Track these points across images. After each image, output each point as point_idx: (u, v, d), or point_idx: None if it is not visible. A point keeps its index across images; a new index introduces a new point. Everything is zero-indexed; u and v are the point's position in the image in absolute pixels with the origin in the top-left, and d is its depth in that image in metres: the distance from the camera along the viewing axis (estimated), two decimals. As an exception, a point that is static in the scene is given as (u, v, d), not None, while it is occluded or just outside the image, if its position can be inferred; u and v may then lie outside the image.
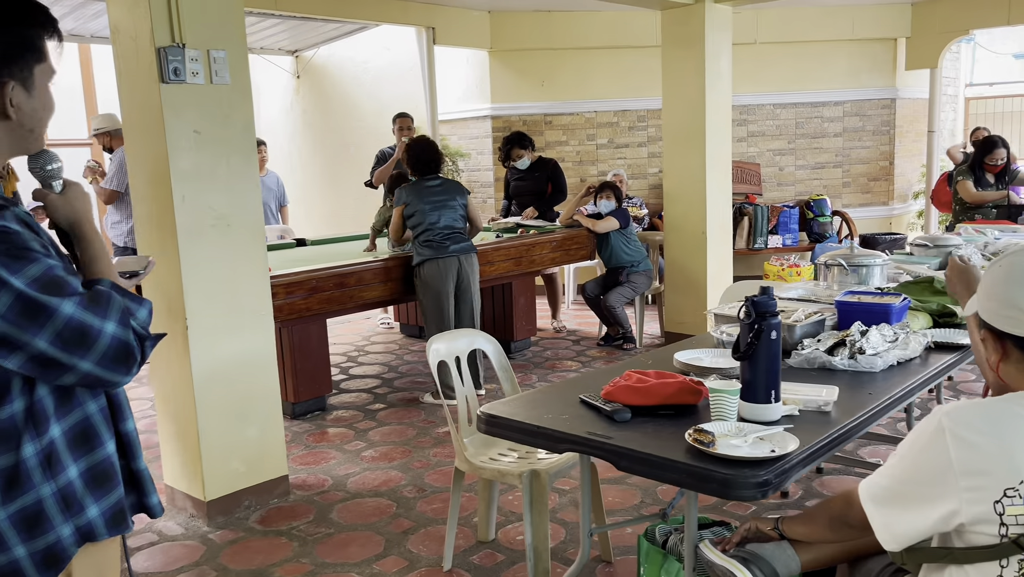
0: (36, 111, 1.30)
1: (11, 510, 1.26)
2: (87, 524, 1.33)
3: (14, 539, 1.27)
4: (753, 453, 1.74)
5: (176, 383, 3.34)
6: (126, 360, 1.27)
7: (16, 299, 1.18)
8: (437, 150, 4.87)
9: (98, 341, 1.24)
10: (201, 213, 3.23)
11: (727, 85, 5.82)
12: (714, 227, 5.89)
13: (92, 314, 1.23)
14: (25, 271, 1.19)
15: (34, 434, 1.27)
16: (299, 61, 9.03)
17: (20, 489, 1.26)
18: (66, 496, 1.31)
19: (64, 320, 1.20)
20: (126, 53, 3.21)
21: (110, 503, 1.37)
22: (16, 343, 1.19)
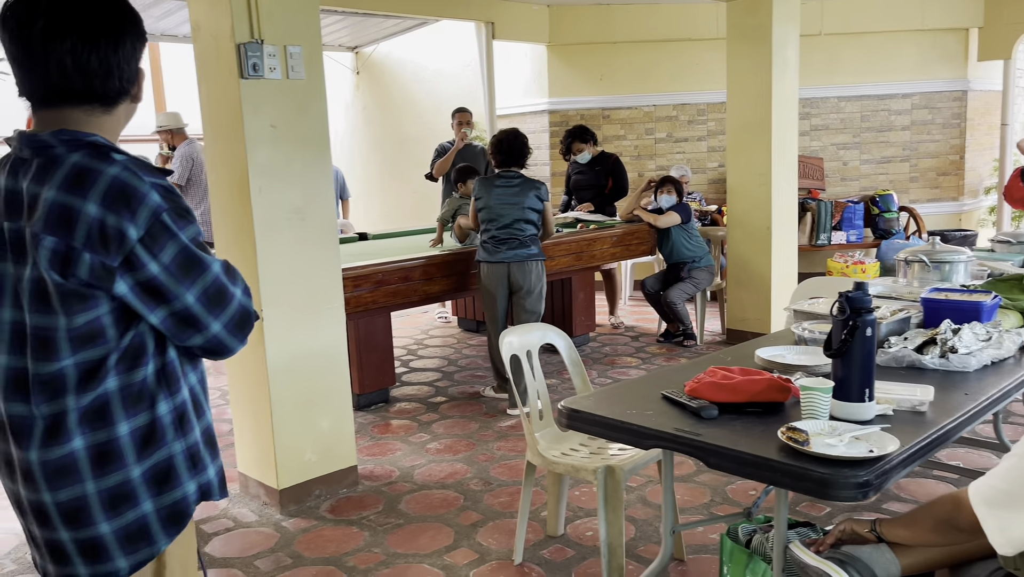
0: (139, 95, 1.43)
1: (145, 466, 1.34)
2: (207, 482, 1.42)
3: (144, 495, 1.34)
4: (850, 453, 1.70)
5: (251, 373, 3.41)
6: (244, 328, 1.39)
7: (180, 251, 1.28)
8: (520, 143, 4.61)
9: (230, 304, 1.35)
10: (276, 206, 3.28)
11: (794, 77, 5.70)
12: (779, 223, 5.78)
13: (229, 279, 1.36)
14: (187, 229, 1.31)
15: (167, 394, 1.35)
16: (359, 57, 9.13)
17: (155, 446, 1.34)
18: (193, 454, 1.39)
19: (212, 278, 1.32)
20: (206, 50, 3.28)
21: (219, 465, 1.47)
22: (167, 296, 1.28)
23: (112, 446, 1.30)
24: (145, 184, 1.26)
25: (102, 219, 1.23)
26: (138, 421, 1.32)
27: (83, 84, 1.29)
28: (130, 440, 1.31)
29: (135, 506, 1.33)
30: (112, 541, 1.33)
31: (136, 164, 1.29)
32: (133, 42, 1.34)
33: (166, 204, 1.28)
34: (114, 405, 1.30)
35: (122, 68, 1.32)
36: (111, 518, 1.32)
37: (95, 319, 1.27)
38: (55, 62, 1.26)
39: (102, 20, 1.29)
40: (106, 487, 1.31)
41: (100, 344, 1.28)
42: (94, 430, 1.29)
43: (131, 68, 1.35)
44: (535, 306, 4.59)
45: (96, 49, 1.28)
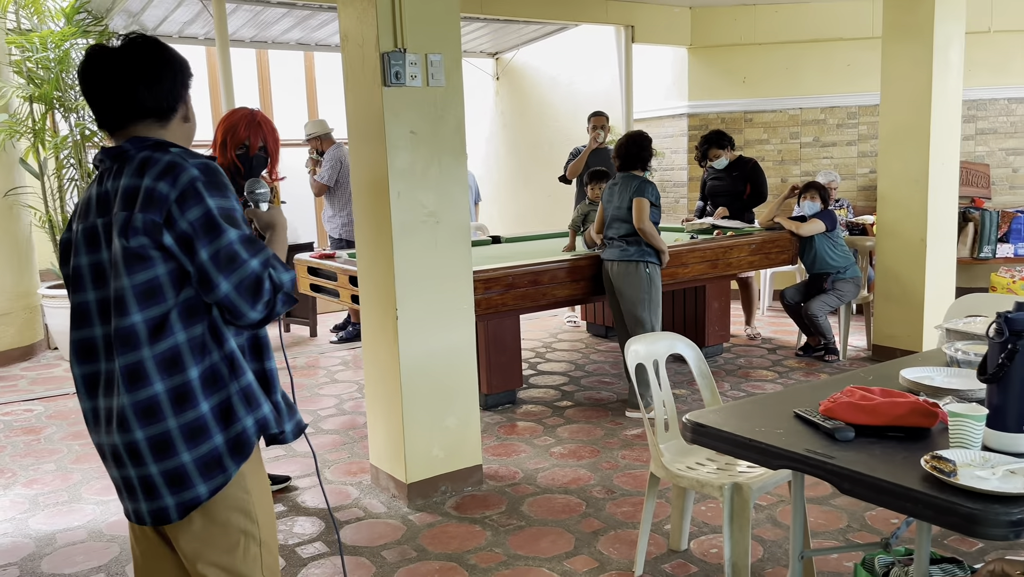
0: (193, 117, 1.77)
1: (212, 403, 1.60)
2: (263, 417, 1.65)
3: (215, 428, 1.60)
4: (1003, 488, 1.56)
5: (385, 369, 3.54)
6: (255, 293, 1.55)
7: (204, 214, 1.54)
8: (638, 146, 4.57)
9: (241, 268, 1.54)
10: (413, 209, 3.39)
11: (957, 78, 5.30)
12: (936, 234, 5.39)
13: (245, 249, 1.56)
14: (217, 199, 1.56)
15: (218, 345, 1.61)
16: (499, 63, 9.29)
17: (217, 386, 1.61)
18: (247, 394, 1.64)
19: (226, 243, 1.54)
20: (353, 59, 3.43)
21: (275, 401, 1.70)
22: (192, 249, 1.54)
23: (186, 388, 1.57)
24: (188, 163, 1.56)
25: (152, 187, 1.54)
26: (203, 366, 1.59)
27: (141, 108, 1.66)
28: (199, 383, 1.57)
29: (209, 438, 1.59)
30: (193, 469, 1.59)
31: (186, 153, 1.61)
32: (172, 78, 1.68)
33: (203, 177, 1.55)
34: (184, 354, 1.57)
35: (165, 95, 1.67)
36: (191, 448, 1.58)
37: (153, 278, 1.55)
38: (123, 97, 1.64)
39: (148, 67, 1.65)
40: (184, 422, 1.57)
41: (160, 301, 1.55)
42: (171, 375, 1.56)
43: (173, 95, 1.68)
44: (637, 312, 4.44)
45: (147, 86, 1.65)
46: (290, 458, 4.13)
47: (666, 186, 8.18)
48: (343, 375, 5.67)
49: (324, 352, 6.43)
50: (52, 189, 6.22)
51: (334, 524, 1.68)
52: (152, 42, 1.69)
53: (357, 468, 3.97)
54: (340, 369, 5.86)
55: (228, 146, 3.26)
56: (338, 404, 5.03)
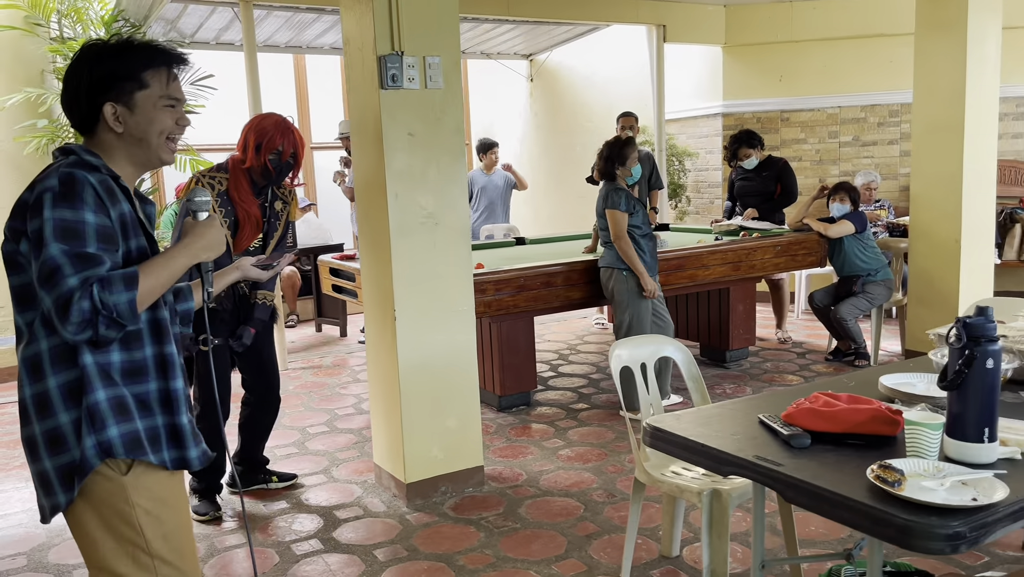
0: (139, 125, 1.65)
1: (73, 416, 1.57)
2: (106, 440, 1.58)
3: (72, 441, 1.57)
4: (948, 500, 1.49)
5: (385, 370, 3.57)
6: (65, 312, 1.47)
7: (40, 226, 1.51)
8: (608, 151, 4.49)
9: (58, 285, 1.48)
10: (411, 211, 3.42)
11: (993, 74, 5.09)
12: (971, 235, 5.19)
13: (69, 264, 1.49)
14: (61, 211, 1.51)
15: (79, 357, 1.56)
16: (533, 65, 9.28)
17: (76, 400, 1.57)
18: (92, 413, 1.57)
19: (47, 257, 1.49)
20: (353, 62, 3.48)
21: (130, 429, 1.61)
22: (30, 259, 1.54)
23: (46, 397, 1.57)
24: (56, 172, 1.54)
25: (22, 195, 1.58)
26: (64, 377, 1.57)
27: (70, 119, 1.69)
28: (59, 393, 1.56)
29: (67, 450, 1.57)
30: (54, 477, 1.58)
31: (71, 162, 1.58)
32: (77, 88, 1.63)
33: (58, 187, 1.51)
34: (44, 362, 1.57)
35: (76, 107, 1.65)
36: (51, 456, 1.58)
37: (28, 283, 1.56)
38: None
39: (67, 71, 1.66)
40: (46, 430, 1.58)
41: (34, 307, 1.57)
42: (34, 381, 1.58)
43: (80, 106, 1.64)
44: (618, 315, 4.49)
45: (64, 97, 1.67)
46: (302, 456, 4.20)
47: (700, 187, 8.06)
48: (366, 375, 5.74)
49: (352, 352, 6.52)
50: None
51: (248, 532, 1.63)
52: (81, 49, 1.67)
53: (364, 467, 4.02)
54: (364, 369, 5.93)
55: (263, 151, 3.31)
56: (356, 404, 5.09)
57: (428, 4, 3.35)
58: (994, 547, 2.96)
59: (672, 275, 4.95)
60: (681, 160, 7.93)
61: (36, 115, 6.05)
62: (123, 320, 1.52)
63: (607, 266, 4.50)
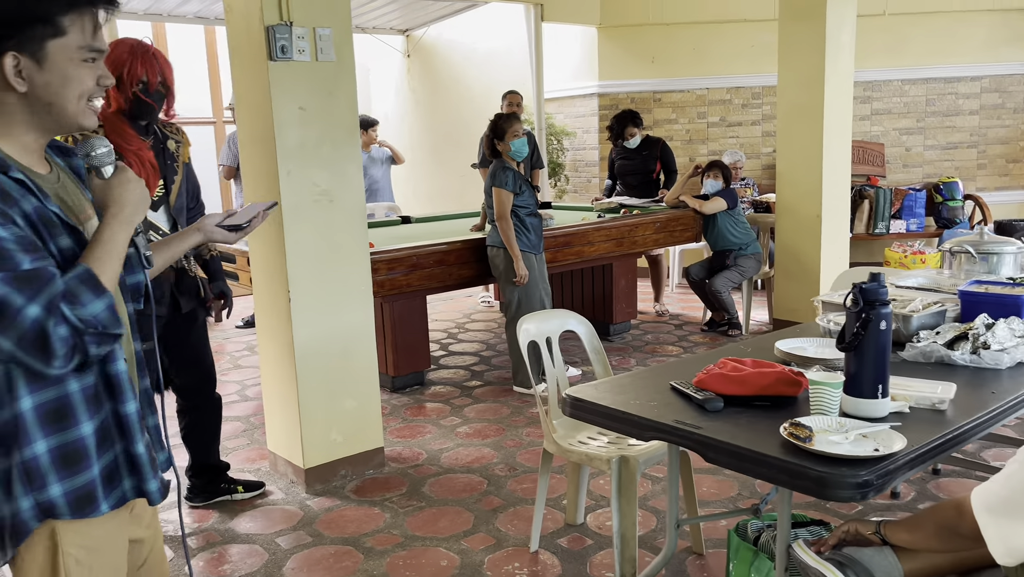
0: (51, 84, 1.29)
1: None
2: (47, 500, 1.31)
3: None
4: (854, 451, 1.62)
5: (279, 353, 3.46)
6: (43, 347, 1.20)
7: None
8: (489, 130, 4.55)
9: (16, 320, 1.18)
10: (305, 188, 3.31)
11: (849, 60, 5.48)
12: (830, 210, 5.59)
13: (17, 292, 1.19)
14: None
15: (7, 401, 1.27)
16: (410, 41, 9.15)
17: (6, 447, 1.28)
18: (29, 470, 1.29)
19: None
20: (238, 32, 3.31)
21: (75, 485, 1.33)
22: None
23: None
24: None
25: None
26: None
27: None
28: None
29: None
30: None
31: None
32: None
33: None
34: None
35: None
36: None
37: None
38: None
39: None
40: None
41: None
42: None
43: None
44: (508, 294, 4.54)
45: None
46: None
47: (578, 165, 8.24)
48: (247, 360, 5.53)
49: (228, 337, 6.26)
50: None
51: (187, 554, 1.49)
52: None
53: (256, 455, 3.88)
54: (245, 355, 5.71)
55: (125, 84, 2.79)
56: (240, 391, 4.90)
57: (317, -27, 3.23)
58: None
59: (560, 252, 5.05)
60: (559, 139, 8.07)
61: None
62: (110, 330, 1.27)
63: (495, 245, 4.53)
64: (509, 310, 4.55)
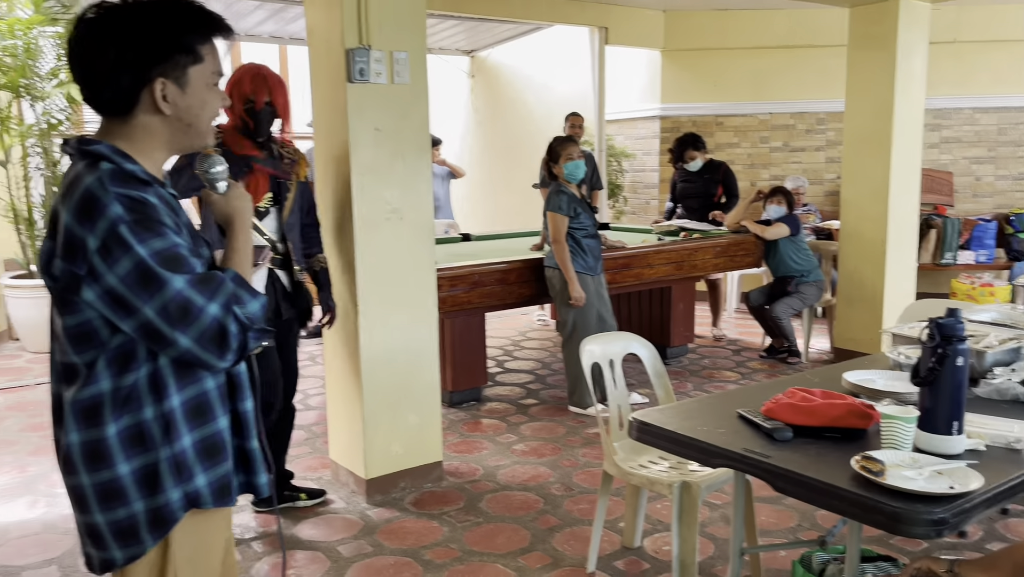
0: (191, 107, 1.40)
1: (134, 466, 1.38)
2: (194, 491, 1.43)
3: (134, 494, 1.39)
4: (929, 488, 1.61)
5: (346, 364, 3.55)
6: (221, 343, 1.34)
7: (135, 266, 1.29)
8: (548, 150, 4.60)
9: (199, 319, 1.32)
10: (376, 205, 3.41)
11: (920, 88, 5.40)
12: (896, 239, 5.50)
13: (199, 293, 1.32)
14: (150, 242, 1.30)
15: (155, 400, 1.38)
16: (474, 61, 9.30)
17: (141, 448, 1.38)
18: (179, 462, 1.40)
19: (173, 294, 1.30)
20: (319, 54, 3.44)
21: (217, 475, 1.46)
22: (129, 307, 1.30)
23: (101, 445, 1.36)
24: (108, 195, 1.29)
25: (70, 228, 1.30)
26: (124, 423, 1.37)
27: (87, 94, 1.38)
28: (118, 440, 1.36)
29: (125, 504, 1.38)
30: (107, 532, 1.39)
31: (111, 175, 1.32)
32: (128, 56, 1.34)
33: (127, 216, 1.29)
34: (105, 406, 1.36)
35: (112, 80, 1.35)
36: (104, 511, 1.38)
37: (85, 322, 1.34)
38: (77, 78, 1.38)
39: (88, 37, 1.36)
40: (98, 482, 1.37)
41: (96, 345, 1.35)
42: (87, 427, 1.36)
43: (120, 81, 1.35)
44: (563, 315, 4.59)
45: (85, 63, 1.36)
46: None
47: (637, 187, 8.25)
48: (310, 370, 5.66)
49: (292, 347, 6.40)
50: (17, 178, 6.15)
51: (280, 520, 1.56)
52: (109, 7, 1.35)
53: (318, 464, 3.98)
54: (307, 364, 5.84)
55: (235, 101, 3.06)
56: (303, 400, 5.02)
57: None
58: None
59: (619, 274, 5.07)
60: (619, 161, 8.09)
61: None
62: (265, 326, 1.41)
63: (552, 266, 4.57)
64: (564, 330, 4.58)
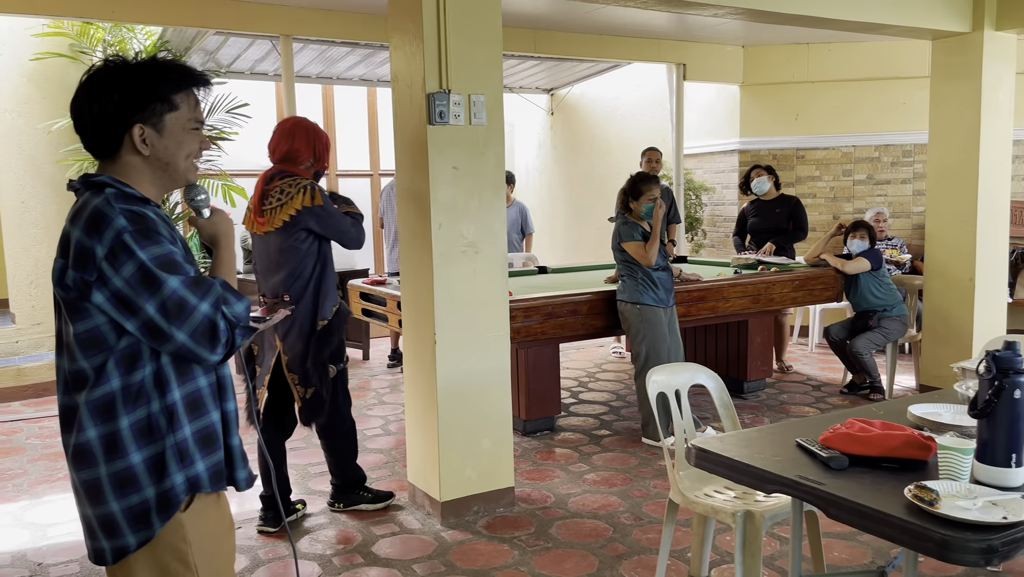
0: (168, 148, 1.62)
1: (144, 455, 1.57)
2: (195, 476, 1.62)
3: (146, 480, 1.57)
4: (981, 517, 1.63)
5: (423, 391, 3.72)
6: (212, 338, 1.53)
7: (139, 268, 1.49)
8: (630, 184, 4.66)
9: (192, 316, 1.51)
10: (454, 240, 3.59)
11: (1007, 119, 5.28)
12: (985, 274, 5.34)
13: (192, 293, 1.52)
14: (150, 248, 1.51)
15: (160, 394, 1.57)
16: (554, 99, 9.52)
17: (150, 438, 1.57)
18: (181, 449, 1.59)
19: (169, 292, 1.50)
20: (402, 97, 3.67)
21: (213, 462, 1.66)
22: (133, 306, 1.50)
23: (116, 437, 1.55)
24: (114, 211, 1.51)
25: (80, 241, 1.51)
26: (136, 416, 1.55)
27: (83, 140, 1.62)
28: (130, 432, 1.55)
29: (139, 490, 1.57)
30: (121, 519, 1.57)
31: (116, 195, 1.54)
32: (112, 107, 1.55)
33: (130, 226, 1.50)
34: (117, 402, 1.54)
35: (96, 130, 1.58)
36: (119, 498, 1.56)
37: (94, 327, 1.53)
38: (75, 127, 1.62)
39: (81, 93, 1.58)
40: (114, 471, 1.55)
41: (104, 349, 1.54)
42: (102, 422, 1.55)
43: (103, 129, 1.57)
44: (634, 347, 4.63)
45: (78, 120, 1.59)
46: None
47: (716, 220, 8.24)
48: (390, 397, 5.88)
49: (376, 375, 6.66)
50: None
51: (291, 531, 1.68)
52: (97, 70, 1.59)
53: (396, 486, 4.14)
54: (388, 392, 6.07)
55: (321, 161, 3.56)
56: (384, 425, 5.22)
57: (474, 45, 3.55)
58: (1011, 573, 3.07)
59: (694, 307, 5.10)
60: (698, 194, 8.11)
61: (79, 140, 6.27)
62: (247, 326, 1.61)
63: (623, 300, 4.66)
64: (637, 362, 4.64)
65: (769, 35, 7.26)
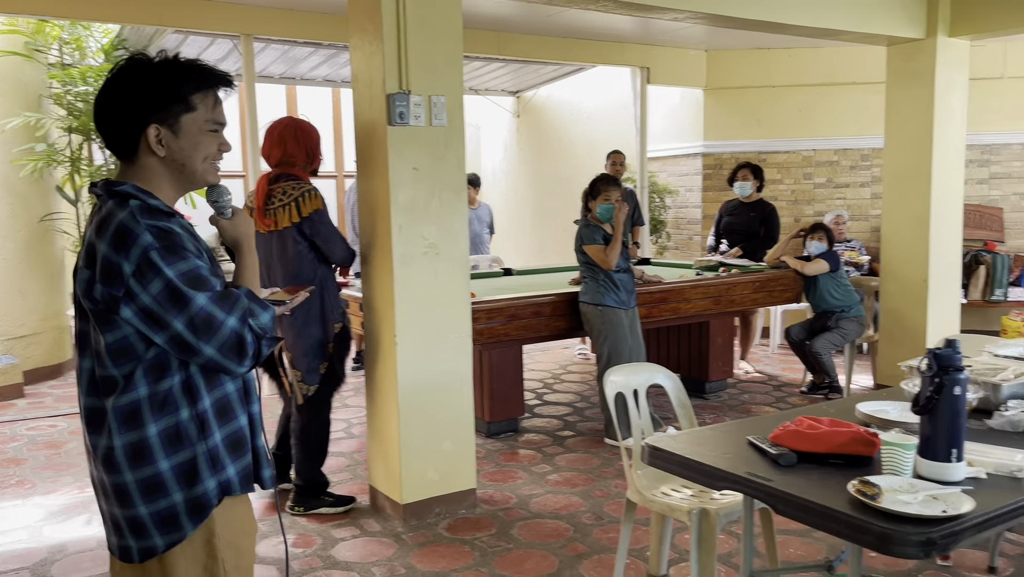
0: (183, 149, 1.60)
1: (173, 462, 1.57)
2: (227, 480, 1.63)
3: (174, 486, 1.58)
4: (920, 511, 1.67)
5: (384, 393, 3.70)
6: (240, 351, 1.55)
7: (166, 285, 1.50)
8: (590, 185, 4.72)
9: (220, 331, 1.53)
10: (414, 241, 3.58)
11: (960, 124, 5.40)
12: (938, 276, 5.46)
13: (219, 308, 1.53)
14: (176, 265, 1.51)
15: (189, 402, 1.58)
16: (520, 101, 9.55)
17: (179, 445, 1.58)
18: (213, 456, 1.61)
19: (197, 308, 1.51)
20: (362, 98, 3.65)
21: (242, 465, 1.67)
22: (161, 322, 1.51)
23: (143, 445, 1.55)
24: (140, 226, 1.50)
25: (107, 256, 1.50)
26: (165, 424, 1.56)
27: (103, 140, 1.62)
28: (158, 440, 1.56)
29: (167, 496, 1.58)
30: (149, 522, 1.58)
31: (141, 209, 1.52)
32: (129, 107, 1.56)
33: (156, 243, 1.50)
34: (144, 410, 1.55)
35: (116, 130, 1.58)
36: (147, 503, 1.57)
37: (123, 337, 1.54)
38: (96, 128, 1.63)
39: (101, 93, 1.60)
40: (140, 478, 1.56)
41: (133, 358, 1.54)
42: (128, 429, 1.55)
43: (123, 129, 1.57)
44: (599, 348, 4.66)
45: (100, 121, 1.61)
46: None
47: (680, 223, 8.32)
48: (353, 400, 5.84)
49: (338, 378, 6.60)
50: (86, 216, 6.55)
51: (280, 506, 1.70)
52: (118, 68, 1.59)
53: (358, 489, 4.12)
54: (351, 395, 6.03)
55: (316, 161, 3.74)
56: (347, 428, 5.19)
57: (435, 45, 3.55)
58: (961, 568, 3.14)
59: (656, 308, 5.15)
60: (662, 197, 8.19)
61: (33, 139, 6.15)
62: (273, 336, 1.62)
63: (585, 301, 4.69)
64: (600, 364, 4.67)
65: (731, 40, 7.35)
